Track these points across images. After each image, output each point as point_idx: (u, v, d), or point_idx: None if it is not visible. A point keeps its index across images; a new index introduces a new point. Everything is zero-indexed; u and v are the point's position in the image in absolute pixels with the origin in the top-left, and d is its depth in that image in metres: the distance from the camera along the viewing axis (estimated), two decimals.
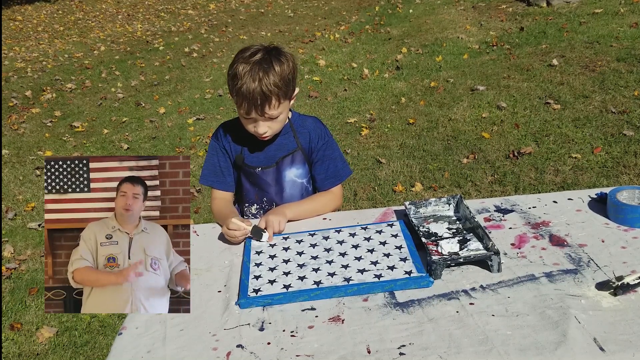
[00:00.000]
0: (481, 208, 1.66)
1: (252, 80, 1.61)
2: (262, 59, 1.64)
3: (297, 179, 1.86)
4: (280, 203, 1.85)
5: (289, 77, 1.68)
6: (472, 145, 4.00)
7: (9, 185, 4.45)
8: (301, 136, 1.84)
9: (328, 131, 1.90)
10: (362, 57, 6.64)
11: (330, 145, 1.86)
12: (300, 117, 1.88)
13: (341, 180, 1.88)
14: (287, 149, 1.83)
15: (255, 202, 1.89)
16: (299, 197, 1.87)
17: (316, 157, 1.85)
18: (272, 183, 1.84)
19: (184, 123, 5.43)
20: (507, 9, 7.60)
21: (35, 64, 8.62)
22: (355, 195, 3.60)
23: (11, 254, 3.42)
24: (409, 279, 1.33)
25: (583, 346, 1.09)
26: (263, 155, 1.83)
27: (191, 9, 12.16)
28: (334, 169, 1.86)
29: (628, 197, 1.52)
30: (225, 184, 1.87)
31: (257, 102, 1.62)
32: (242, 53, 1.68)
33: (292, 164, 1.84)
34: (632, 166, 3.39)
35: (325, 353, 1.15)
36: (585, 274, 1.31)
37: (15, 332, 2.72)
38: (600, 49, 5.38)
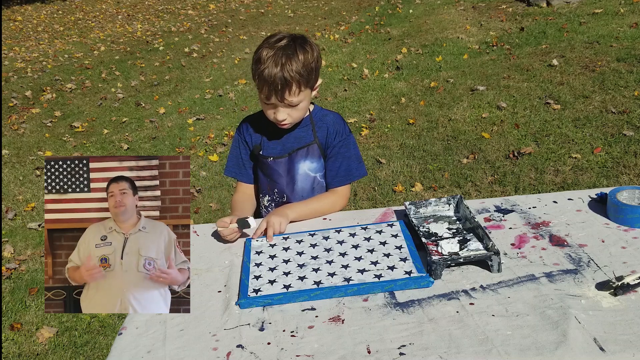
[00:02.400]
0: (481, 208, 1.66)
1: (275, 65, 1.62)
2: (287, 45, 1.65)
3: (310, 173, 1.85)
4: (291, 195, 1.86)
5: (312, 65, 1.68)
6: (472, 145, 4.00)
7: (9, 185, 4.45)
8: (319, 130, 1.83)
9: (348, 129, 1.88)
10: (362, 57, 6.64)
11: (346, 143, 1.84)
12: (322, 111, 1.88)
13: (352, 180, 1.87)
14: (303, 142, 1.83)
15: (267, 193, 1.90)
16: (310, 190, 1.86)
17: (331, 153, 1.84)
18: (283, 174, 1.84)
19: (184, 123, 5.44)
20: (507, 9, 7.61)
21: (35, 64, 8.62)
22: (355, 195, 3.60)
23: (11, 254, 3.42)
24: (409, 279, 1.33)
25: (583, 346, 1.09)
26: (280, 146, 1.84)
27: (191, 9, 12.16)
28: (347, 168, 1.85)
29: (628, 197, 1.52)
30: (246, 175, 1.92)
31: (277, 87, 1.62)
32: (269, 39, 1.69)
33: (307, 156, 1.83)
34: (632, 166, 3.39)
35: (325, 353, 1.15)
36: (585, 274, 1.31)
37: (15, 332, 2.72)
38: (600, 49, 5.38)
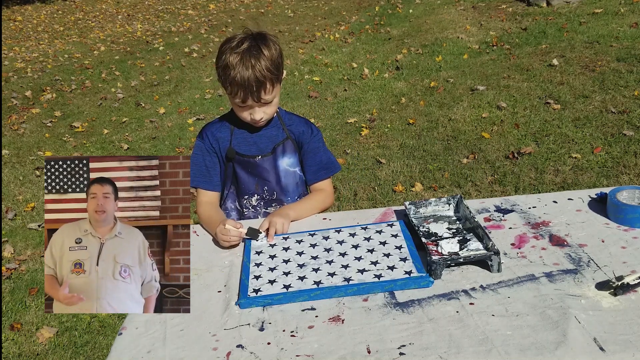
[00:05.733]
0: (481, 208, 1.66)
1: (246, 69, 1.63)
2: (251, 46, 1.67)
3: (289, 168, 1.89)
4: (280, 192, 1.88)
5: (278, 60, 1.72)
6: (472, 145, 4.00)
7: (9, 186, 4.45)
8: (290, 127, 1.88)
9: (317, 127, 1.95)
10: (362, 57, 6.64)
11: (319, 138, 1.91)
12: (288, 113, 1.94)
13: (333, 173, 1.93)
14: (277, 139, 1.86)
15: (255, 192, 1.90)
16: (294, 185, 1.91)
17: (307, 148, 1.88)
18: (271, 171, 1.86)
19: (184, 123, 5.44)
20: (507, 9, 7.61)
21: (35, 64, 8.62)
22: (355, 195, 3.60)
23: (11, 254, 3.42)
24: (409, 279, 1.33)
25: (583, 346, 1.09)
26: (255, 147, 1.85)
27: (191, 9, 12.16)
28: (327, 159, 1.91)
29: (628, 197, 1.52)
30: (211, 183, 1.86)
31: (252, 88, 1.65)
32: (228, 43, 1.69)
33: (285, 153, 1.87)
34: (632, 166, 3.39)
35: (325, 353, 1.15)
36: (585, 274, 1.31)
37: (15, 332, 2.72)
38: (600, 49, 5.38)
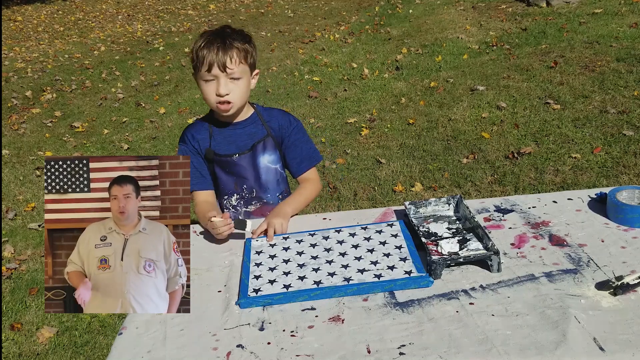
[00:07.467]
0: (481, 208, 1.66)
1: (215, 37, 1.70)
2: (223, 28, 1.76)
3: (270, 165, 1.89)
4: (259, 189, 1.89)
5: (250, 45, 1.75)
6: (472, 145, 4.00)
7: (9, 185, 4.45)
8: (270, 123, 1.88)
9: (295, 117, 1.95)
10: (362, 57, 6.63)
11: (300, 129, 1.91)
12: (266, 109, 1.94)
13: (316, 162, 1.93)
14: (257, 137, 1.86)
15: (234, 192, 1.90)
16: (274, 183, 1.92)
17: (289, 142, 1.89)
18: (249, 169, 1.86)
19: (184, 123, 5.43)
20: (507, 9, 7.61)
21: (35, 64, 8.62)
22: (355, 195, 3.60)
23: (11, 254, 3.42)
24: (409, 279, 1.33)
25: (583, 346, 1.09)
26: (234, 146, 1.85)
27: (191, 9, 12.16)
28: (308, 150, 1.91)
29: (628, 197, 1.52)
30: (205, 183, 1.88)
31: (218, 53, 1.67)
32: (202, 34, 1.76)
33: (265, 150, 1.87)
34: (632, 166, 3.39)
35: (325, 353, 1.15)
36: (585, 273, 1.31)
37: (16, 332, 2.72)
38: (600, 49, 5.38)
